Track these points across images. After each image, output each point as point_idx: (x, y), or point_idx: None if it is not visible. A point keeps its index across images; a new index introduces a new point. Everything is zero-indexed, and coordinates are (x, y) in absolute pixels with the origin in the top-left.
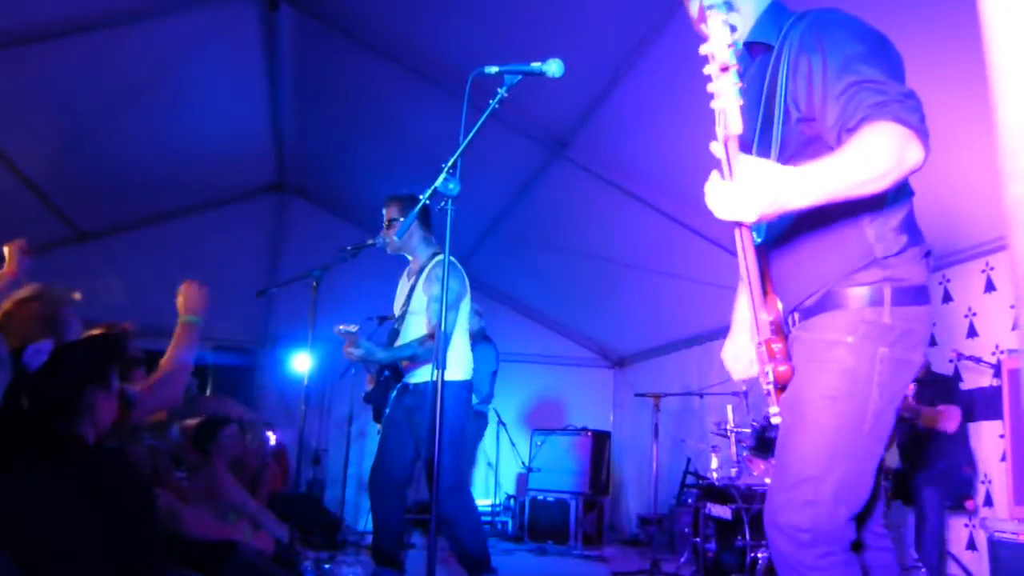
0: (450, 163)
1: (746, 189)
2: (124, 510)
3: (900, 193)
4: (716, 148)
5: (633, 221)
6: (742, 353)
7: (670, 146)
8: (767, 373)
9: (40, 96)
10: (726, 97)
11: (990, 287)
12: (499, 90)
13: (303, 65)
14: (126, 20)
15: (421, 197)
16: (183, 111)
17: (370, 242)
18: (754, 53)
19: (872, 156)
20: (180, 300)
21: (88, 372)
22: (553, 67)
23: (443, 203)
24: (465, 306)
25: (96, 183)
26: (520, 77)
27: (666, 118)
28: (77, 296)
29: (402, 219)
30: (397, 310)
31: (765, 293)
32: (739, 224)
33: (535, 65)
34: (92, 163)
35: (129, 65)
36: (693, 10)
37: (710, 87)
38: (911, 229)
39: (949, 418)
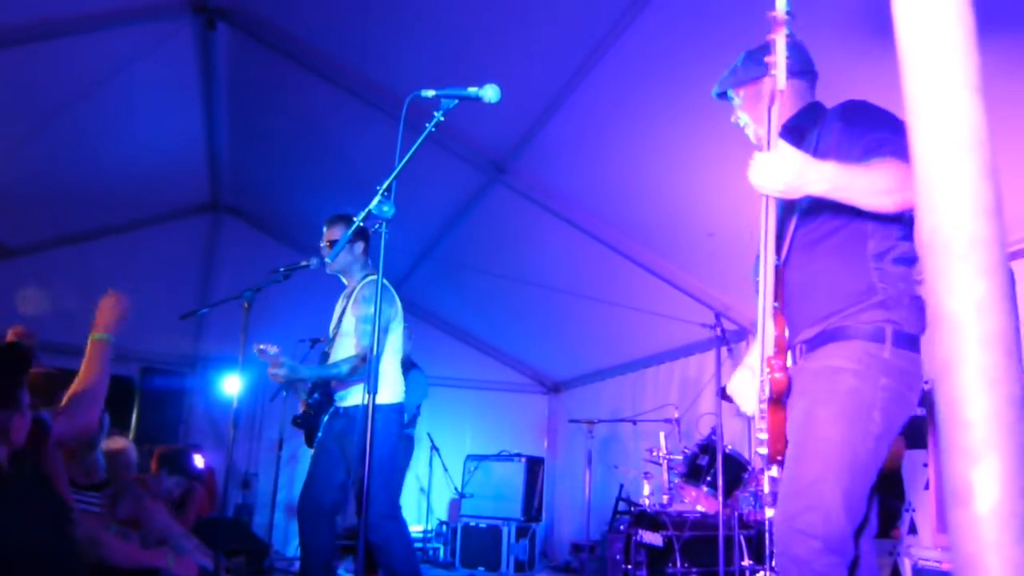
0: (384, 185)
1: (778, 160)
2: (41, 535)
3: (901, 243)
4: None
5: (569, 247)
6: (749, 387)
7: (606, 173)
8: (764, 386)
9: None
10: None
11: None
12: (435, 113)
13: (240, 84)
14: (58, 33)
15: (356, 219)
16: (116, 127)
17: (304, 264)
18: (793, 134)
19: (884, 176)
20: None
21: None
22: (489, 92)
23: (377, 225)
24: (396, 328)
25: (24, 198)
26: (457, 101)
27: (602, 146)
28: None
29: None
30: (330, 333)
31: (777, 311)
32: (766, 198)
33: (471, 90)
34: (20, 178)
35: (61, 79)
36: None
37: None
38: (910, 279)
39: (897, 452)
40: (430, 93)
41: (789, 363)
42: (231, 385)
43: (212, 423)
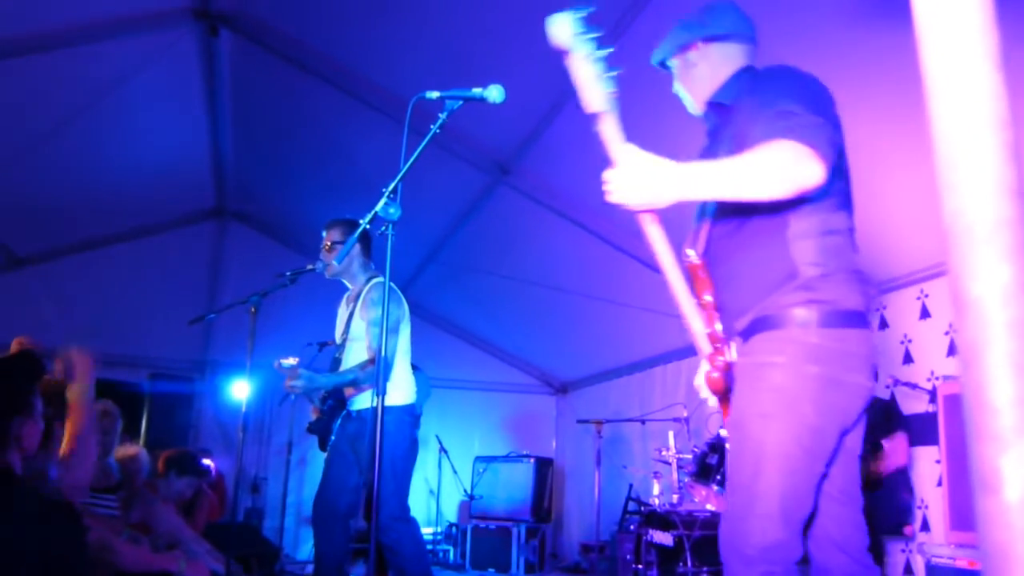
0: (390, 188)
1: (629, 175)
2: (54, 541)
3: (828, 220)
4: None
5: (576, 248)
6: None
7: None
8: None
9: None
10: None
11: (925, 314)
12: (440, 115)
13: (243, 90)
14: (64, 43)
15: (361, 222)
16: (122, 136)
17: (309, 267)
18: (718, 112)
19: (763, 164)
20: (58, 367)
21: (11, 404)
22: (494, 93)
23: (383, 228)
24: (405, 329)
25: (32, 208)
26: (461, 103)
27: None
28: None
29: (343, 243)
30: (338, 338)
31: (705, 307)
32: (640, 218)
33: (476, 91)
34: (28, 188)
35: (67, 89)
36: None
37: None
38: (841, 254)
39: (897, 452)
40: (434, 95)
41: (734, 355)
42: (240, 390)
43: (221, 428)
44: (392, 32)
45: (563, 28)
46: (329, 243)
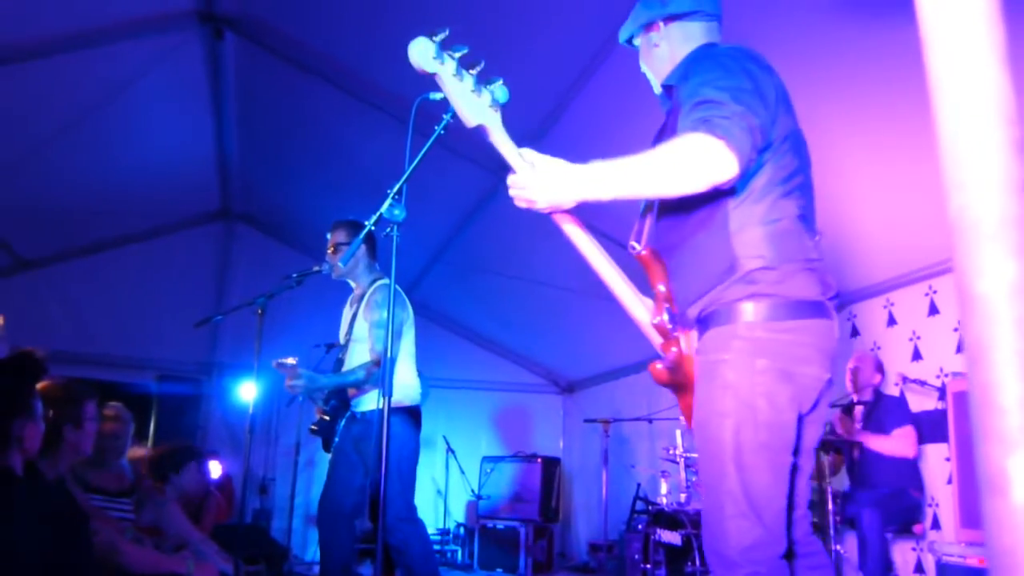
0: (395, 189)
1: (527, 180)
2: (58, 542)
3: (773, 208)
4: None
5: None
6: None
7: None
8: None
9: None
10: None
11: (934, 310)
12: (444, 116)
13: (248, 93)
14: (70, 47)
15: (366, 223)
16: (127, 138)
17: (315, 269)
18: (670, 95)
19: (669, 160)
20: None
21: (11, 405)
22: (498, 92)
23: (389, 229)
24: (409, 331)
25: (38, 211)
26: None
27: (612, 143)
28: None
29: (348, 244)
30: (341, 339)
31: (658, 297)
32: (558, 222)
33: None
34: (34, 191)
35: (73, 92)
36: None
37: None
38: (785, 244)
39: (905, 443)
40: (438, 96)
41: (693, 343)
42: (247, 391)
43: (229, 429)
44: (395, 32)
45: (421, 53)
46: (334, 245)
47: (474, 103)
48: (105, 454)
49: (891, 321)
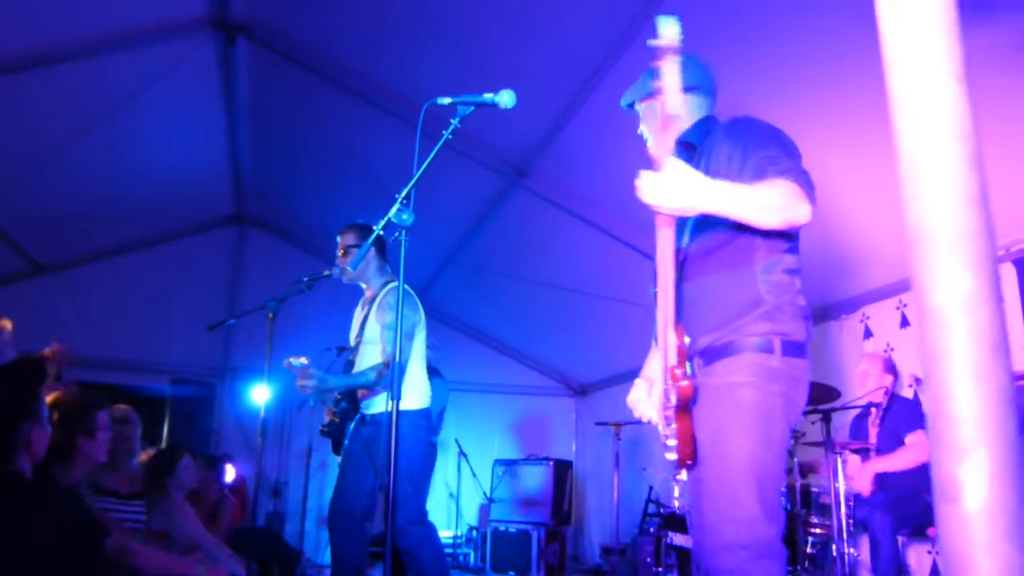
0: (403, 194)
1: (672, 179)
2: (70, 548)
3: (788, 257)
4: (654, 144)
5: (592, 249)
6: (646, 397)
7: (627, 173)
8: (669, 396)
9: None
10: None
11: None
12: (452, 121)
13: (260, 97)
14: (84, 54)
15: (375, 227)
16: (141, 144)
17: (326, 272)
18: (686, 150)
19: (773, 195)
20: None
21: (17, 409)
22: (505, 98)
23: (397, 234)
24: (421, 334)
25: (53, 216)
26: (473, 108)
27: (623, 146)
28: (7, 325)
29: (358, 247)
30: (352, 340)
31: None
32: (659, 222)
33: (487, 96)
34: (49, 196)
35: (87, 99)
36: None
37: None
38: (793, 290)
39: (919, 449)
40: (446, 101)
41: (690, 373)
42: (259, 394)
43: (242, 432)
44: (407, 38)
45: (671, 30)
46: (344, 248)
47: (678, 95)
48: (115, 456)
49: (904, 323)
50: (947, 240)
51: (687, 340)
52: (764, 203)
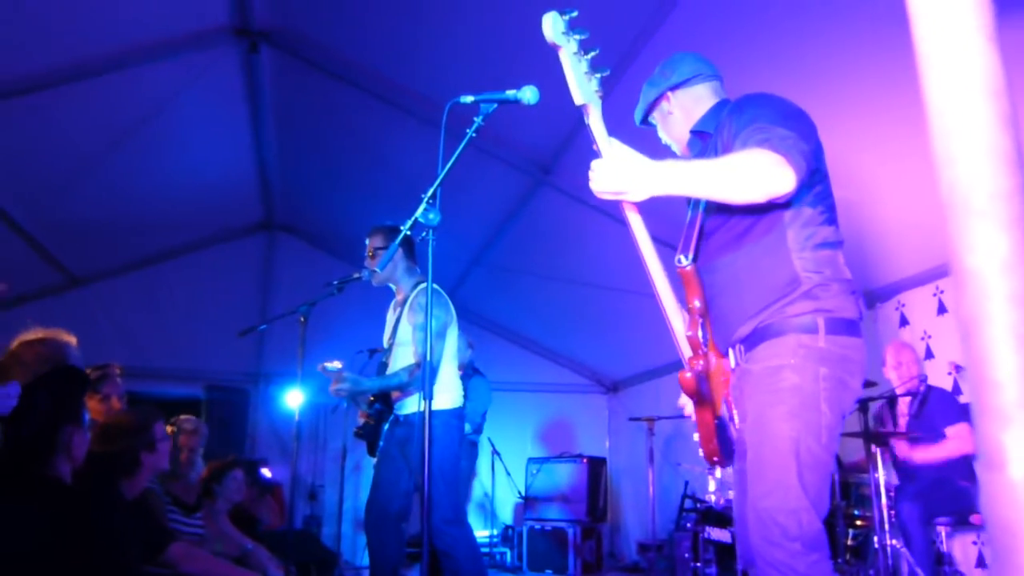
0: (429, 193)
1: (610, 165)
2: (107, 549)
3: (822, 230)
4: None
5: (621, 245)
6: None
7: None
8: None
9: (31, 144)
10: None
11: None
12: (475, 119)
13: (285, 104)
14: (112, 68)
15: (402, 228)
16: (170, 155)
17: (356, 275)
18: (702, 139)
19: (737, 167)
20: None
21: (60, 412)
22: (528, 94)
23: (424, 233)
24: (452, 333)
25: (87, 228)
26: (496, 105)
27: (647, 140)
28: (72, 340)
29: (385, 249)
30: (385, 342)
31: (692, 312)
32: (625, 212)
33: (510, 93)
34: (83, 209)
35: (116, 112)
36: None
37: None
38: (835, 264)
39: (961, 442)
40: (469, 99)
41: (732, 363)
42: (293, 398)
43: (277, 437)
44: (428, 38)
45: (553, 26)
46: (372, 250)
47: (585, 84)
48: (181, 466)
49: (941, 309)
50: (982, 201)
51: (699, 333)
52: (729, 177)
